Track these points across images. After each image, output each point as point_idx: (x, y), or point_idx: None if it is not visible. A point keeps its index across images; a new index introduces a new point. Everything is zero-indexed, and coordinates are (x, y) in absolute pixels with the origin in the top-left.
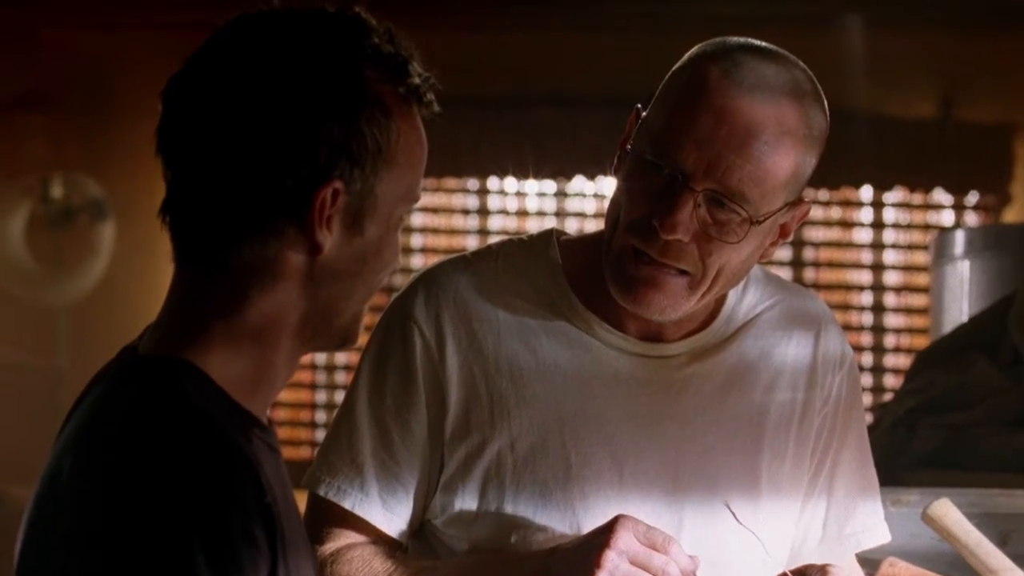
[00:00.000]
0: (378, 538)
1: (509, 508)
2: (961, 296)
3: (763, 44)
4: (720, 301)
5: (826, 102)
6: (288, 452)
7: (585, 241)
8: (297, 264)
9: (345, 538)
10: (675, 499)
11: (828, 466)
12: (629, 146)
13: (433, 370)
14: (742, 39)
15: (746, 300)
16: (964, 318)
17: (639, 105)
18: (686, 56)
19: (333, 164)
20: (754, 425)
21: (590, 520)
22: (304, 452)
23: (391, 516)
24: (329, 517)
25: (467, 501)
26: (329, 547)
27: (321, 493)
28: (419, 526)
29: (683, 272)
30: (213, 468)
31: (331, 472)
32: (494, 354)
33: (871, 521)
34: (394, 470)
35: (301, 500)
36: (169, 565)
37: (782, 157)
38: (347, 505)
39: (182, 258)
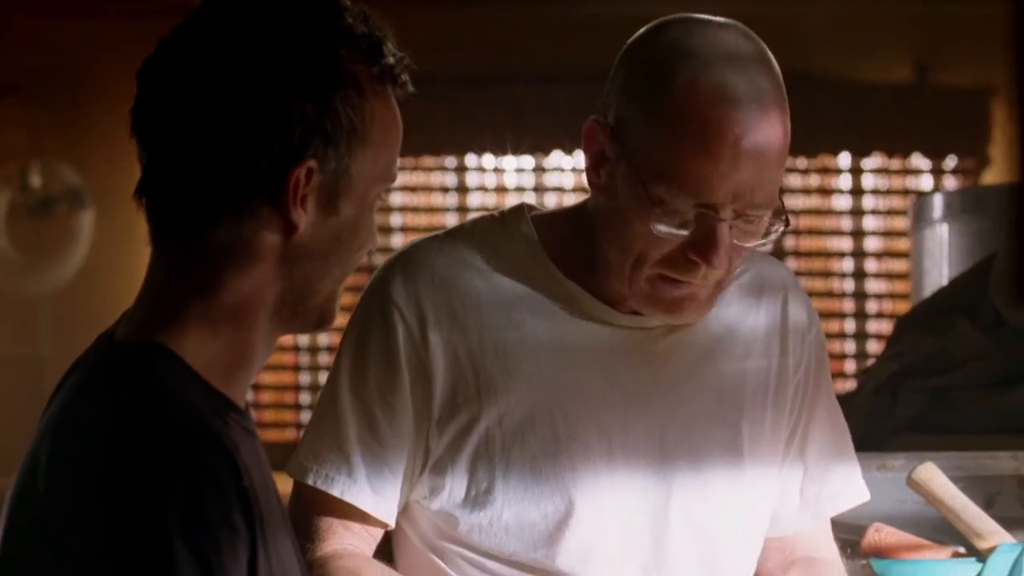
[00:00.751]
0: (364, 526)
1: (500, 485)
2: (941, 260)
3: (719, 24)
4: None
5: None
6: (273, 434)
7: (558, 216)
8: (272, 244)
9: (334, 536)
10: (662, 469)
11: (801, 430)
12: (606, 168)
13: (416, 352)
14: (689, 23)
15: None
16: (944, 282)
17: (596, 118)
18: (648, 62)
19: (307, 143)
20: (733, 392)
21: (581, 494)
22: (289, 434)
23: (380, 500)
24: (316, 505)
25: (457, 480)
26: (320, 549)
27: (309, 482)
28: (404, 508)
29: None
30: (189, 452)
31: (317, 460)
32: (477, 332)
33: (848, 482)
34: (381, 454)
35: (283, 483)
36: (147, 550)
37: (784, 147)
38: (335, 492)
39: (158, 240)
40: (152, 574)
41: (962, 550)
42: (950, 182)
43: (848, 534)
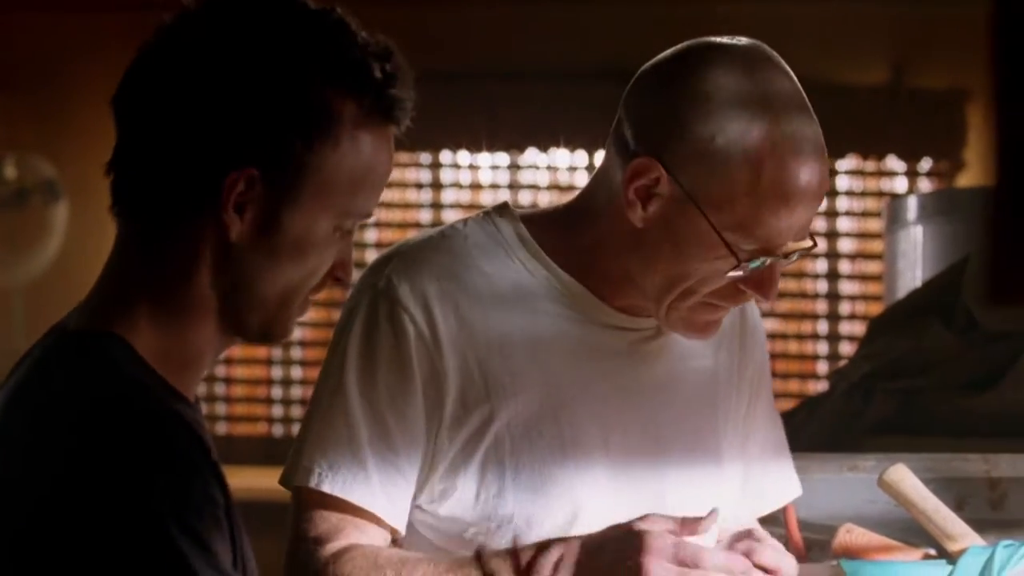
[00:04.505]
0: (378, 529)
1: (510, 488)
2: (915, 261)
3: (758, 56)
4: None
5: None
6: (244, 428)
7: (546, 216)
8: (211, 246)
9: (345, 536)
10: (658, 466)
11: (747, 426)
12: (656, 204)
13: (429, 357)
14: (730, 57)
15: None
16: (918, 283)
17: (650, 156)
18: (711, 106)
19: (251, 151)
20: (709, 390)
21: (586, 494)
22: (261, 428)
23: (394, 508)
24: (328, 511)
25: (468, 484)
26: (331, 547)
27: (325, 488)
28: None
29: None
30: (161, 434)
31: (332, 467)
32: (483, 333)
33: (786, 478)
34: (394, 461)
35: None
36: (144, 535)
37: None
38: (354, 499)
39: (120, 227)
40: (158, 559)
41: (933, 552)
42: (924, 184)
43: (818, 534)
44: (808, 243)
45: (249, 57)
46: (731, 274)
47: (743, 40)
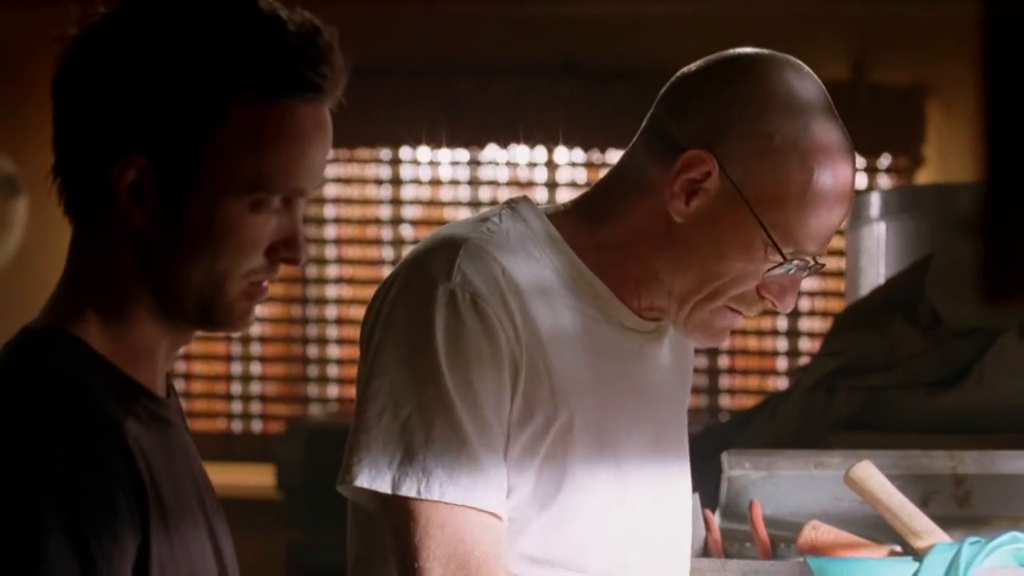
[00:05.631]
0: (497, 522)
1: (566, 486)
2: (878, 258)
3: (794, 65)
4: None
5: None
6: (203, 424)
7: (570, 213)
8: (126, 240)
9: (500, 563)
10: (659, 466)
11: None
12: (702, 199)
13: (511, 352)
14: (782, 64)
15: None
16: (881, 280)
17: (706, 151)
18: (769, 106)
19: (137, 139)
20: (681, 389)
21: (626, 493)
22: (220, 424)
23: (504, 504)
24: (454, 521)
25: (528, 481)
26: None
27: (448, 499)
28: None
29: None
30: (73, 432)
31: (451, 476)
32: (545, 332)
33: None
34: (498, 458)
35: (228, 470)
36: (17, 528)
37: None
38: (477, 504)
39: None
40: (23, 557)
41: (899, 548)
42: (884, 180)
43: (784, 531)
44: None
45: (135, 47)
46: (774, 272)
47: (782, 55)
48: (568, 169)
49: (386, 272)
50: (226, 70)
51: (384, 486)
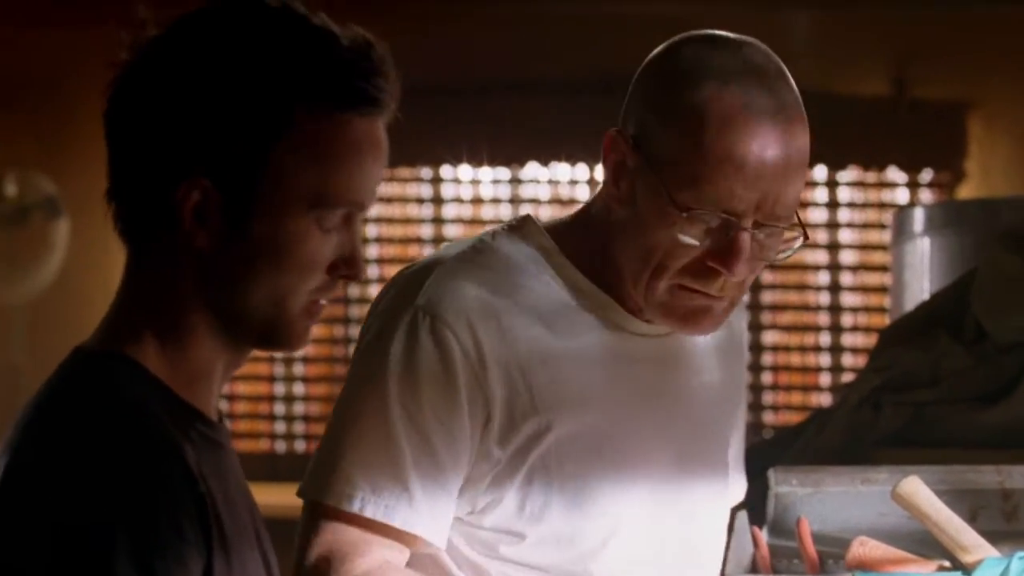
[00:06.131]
0: (414, 544)
1: (556, 500)
2: (922, 273)
3: (740, 41)
4: None
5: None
6: (247, 445)
7: (567, 226)
8: (189, 261)
9: (371, 553)
10: (689, 473)
11: (738, 432)
12: (626, 179)
13: (474, 374)
14: (711, 39)
15: None
16: (925, 296)
17: (616, 129)
18: (673, 75)
19: (200, 161)
20: (721, 395)
21: (627, 504)
22: (263, 445)
23: (437, 525)
24: (367, 533)
25: (515, 496)
26: (360, 565)
27: (368, 514)
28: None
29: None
30: (139, 457)
31: (374, 490)
32: (525, 347)
33: (742, 480)
34: (439, 478)
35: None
36: (87, 553)
37: (805, 162)
38: (397, 523)
39: (126, 249)
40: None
41: (947, 564)
42: (926, 196)
43: (832, 547)
44: (782, 223)
45: (198, 69)
46: (683, 236)
47: (738, 36)
48: None
49: None
50: (287, 86)
51: (316, 495)
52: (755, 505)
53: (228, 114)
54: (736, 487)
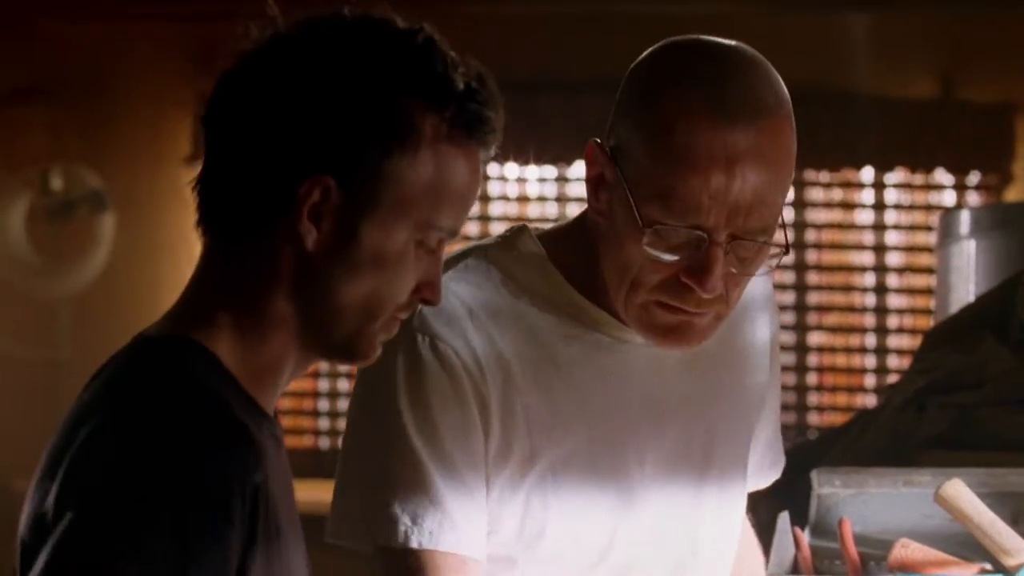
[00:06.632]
0: (470, 569)
1: (553, 521)
2: (968, 275)
3: (720, 44)
4: None
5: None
6: (291, 440)
7: (560, 234)
8: (289, 258)
9: None
10: (692, 485)
11: (767, 416)
12: (605, 192)
13: (476, 388)
14: (688, 45)
15: None
16: (971, 298)
17: (597, 140)
18: (643, 83)
19: (323, 159)
20: (738, 402)
21: (625, 521)
22: (307, 440)
23: (479, 542)
24: (421, 564)
25: (513, 518)
26: None
27: (414, 544)
28: None
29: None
30: (202, 432)
31: (415, 520)
32: (519, 365)
33: (777, 458)
34: (469, 497)
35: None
36: (130, 511)
37: (785, 171)
38: (443, 547)
39: (205, 240)
40: (130, 542)
41: (989, 566)
42: (973, 198)
43: (875, 549)
44: (759, 237)
45: (328, 68)
46: (650, 251)
47: (722, 40)
48: None
49: None
50: (423, 103)
51: (356, 538)
52: (798, 506)
53: (361, 119)
54: (771, 471)
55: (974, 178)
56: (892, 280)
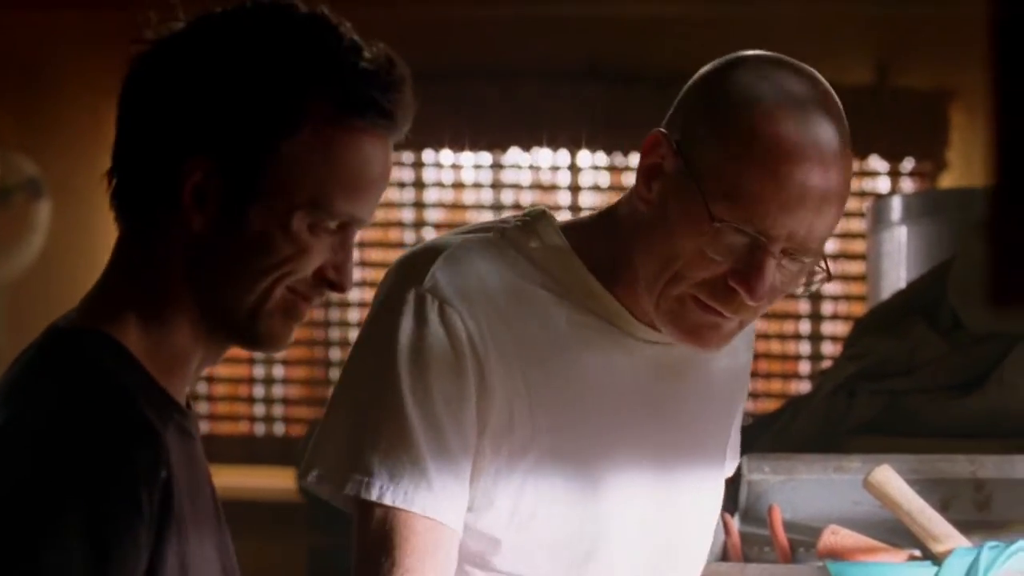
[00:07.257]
0: (445, 535)
1: (545, 508)
2: (899, 262)
3: (795, 66)
4: None
5: None
6: (226, 427)
7: (584, 226)
8: (180, 241)
9: (429, 567)
10: (685, 483)
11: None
12: (659, 182)
13: (477, 359)
14: (774, 61)
15: None
16: (902, 284)
17: (663, 130)
18: (730, 90)
19: (208, 141)
20: (724, 404)
21: (618, 515)
22: (243, 427)
23: (457, 511)
24: (394, 523)
25: (506, 500)
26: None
27: (387, 501)
28: None
29: None
30: (110, 429)
31: (392, 477)
32: (527, 347)
33: (735, 455)
34: (452, 465)
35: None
36: (40, 513)
37: (844, 201)
38: (417, 509)
39: (118, 226)
40: (41, 537)
41: (918, 553)
42: (907, 185)
43: (804, 535)
44: (809, 257)
45: (216, 52)
46: (710, 249)
47: (791, 60)
48: (591, 172)
49: None
50: (305, 84)
51: (329, 485)
52: (728, 492)
53: (242, 101)
54: (730, 464)
55: (908, 165)
56: None
